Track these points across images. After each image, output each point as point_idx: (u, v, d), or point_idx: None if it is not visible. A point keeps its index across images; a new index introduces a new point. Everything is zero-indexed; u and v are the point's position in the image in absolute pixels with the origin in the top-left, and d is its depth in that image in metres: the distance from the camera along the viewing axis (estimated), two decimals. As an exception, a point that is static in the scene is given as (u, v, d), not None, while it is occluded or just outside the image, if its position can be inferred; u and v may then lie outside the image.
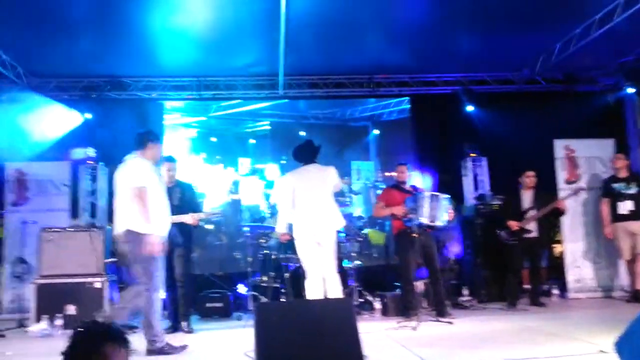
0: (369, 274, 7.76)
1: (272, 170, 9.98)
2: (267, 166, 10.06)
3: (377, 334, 5.07)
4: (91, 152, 8.02)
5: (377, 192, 7.88)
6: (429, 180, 8.93)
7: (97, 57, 7.95)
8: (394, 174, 6.64)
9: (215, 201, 9.47)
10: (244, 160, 10.09)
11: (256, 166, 10.02)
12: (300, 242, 5.35)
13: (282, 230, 5.54)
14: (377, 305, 6.65)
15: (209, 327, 6.03)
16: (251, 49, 7.98)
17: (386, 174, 9.59)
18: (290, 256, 6.70)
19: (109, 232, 6.66)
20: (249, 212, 9.49)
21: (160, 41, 7.54)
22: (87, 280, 6.02)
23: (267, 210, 8.98)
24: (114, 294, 6.25)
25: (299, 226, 5.35)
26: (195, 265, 7.28)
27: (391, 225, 6.46)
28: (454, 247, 7.94)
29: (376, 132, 10.36)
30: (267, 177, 9.87)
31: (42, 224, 6.59)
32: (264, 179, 9.84)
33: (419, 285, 6.35)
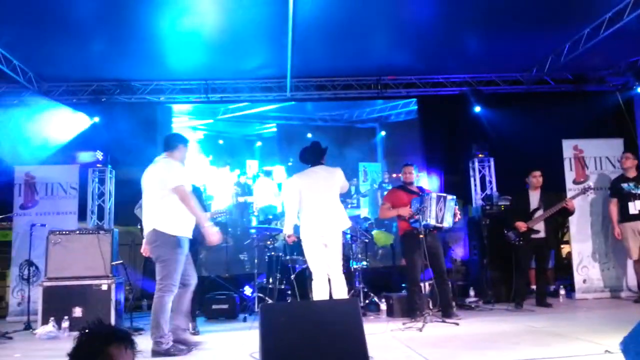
0: (375, 275, 7.76)
1: (279, 172, 9.99)
2: (275, 168, 10.07)
3: (382, 335, 5.06)
4: (99, 155, 8.08)
5: (384, 193, 7.86)
6: (436, 181, 8.91)
7: (106, 61, 8.03)
8: (401, 175, 6.62)
9: (222, 203, 9.49)
10: (252, 162, 10.10)
11: (264, 168, 10.03)
12: (307, 243, 5.34)
13: (288, 231, 5.53)
14: (383, 306, 6.65)
15: (214, 329, 6.04)
16: (259, 52, 8.01)
17: (393, 175, 9.57)
18: (296, 258, 6.70)
19: (116, 235, 6.71)
20: (263, 214, 9.50)
21: (168, 45, 7.60)
22: (94, 282, 6.05)
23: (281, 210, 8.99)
24: (120, 295, 6.28)
25: (306, 227, 5.35)
26: (201, 267, 7.31)
27: (397, 226, 6.44)
28: (460, 248, 7.92)
29: (383, 133, 10.33)
30: (275, 178, 9.88)
31: (50, 227, 6.63)
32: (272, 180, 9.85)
33: (425, 286, 6.33)
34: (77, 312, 5.91)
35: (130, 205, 6.17)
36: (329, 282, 5.24)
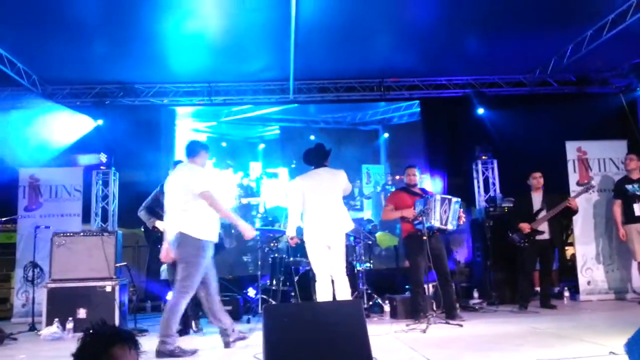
0: (379, 276, 7.75)
1: (283, 174, 10.00)
2: (278, 170, 10.08)
3: (386, 336, 5.05)
4: (103, 157, 8.10)
5: (387, 195, 7.86)
6: (439, 183, 8.91)
7: (110, 64, 8.06)
8: (404, 177, 6.61)
9: (225, 205, 9.50)
10: (255, 164, 10.12)
11: (267, 170, 10.05)
12: (310, 245, 5.34)
13: (291, 233, 5.54)
14: (387, 307, 6.63)
15: (218, 330, 6.03)
16: (262, 55, 8.03)
17: (396, 177, 9.57)
18: (299, 259, 6.70)
19: (120, 237, 6.72)
20: (271, 215, 9.51)
21: (171, 48, 7.62)
22: (98, 284, 6.09)
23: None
24: (124, 297, 6.29)
25: (309, 229, 5.35)
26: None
27: (400, 228, 6.44)
28: (464, 250, 7.91)
29: (386, 135, 10.34)
30: (281, 180, 9.88)
31: (54, 229, 6.66)
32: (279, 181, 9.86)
33: (428, 288, 6.32)
34: (82, 313, 5.94)
35: (134, 207, 6.19)
36: (332, 283, 5.25)
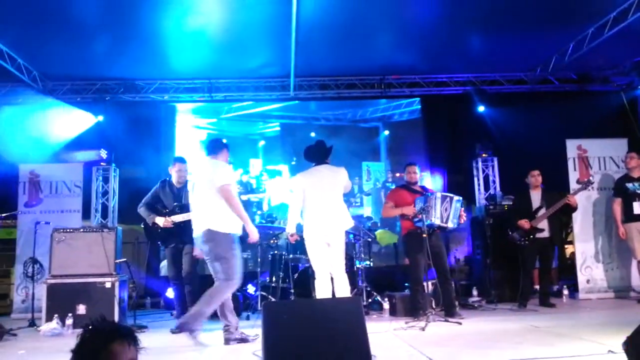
0: (378, 274, 7.75)
1: (284, 171, 9.99)
2: (278, 167, 10.08)
3: (385, 333, 5.05)
4: (103, 153, 8.10)
5: (388, 192, 7.86)
6: (440, 180, 8.90)
7: (111, 60, 8.06)
8: (404, 174, 6.61)
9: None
10: (255, 161, 10.11)
11: (267, 167, 10.04)
12: (309, 242, 5.34)
13: (291, 230, 5.53)
14: (386, 305, 6.63)
15: (218, 327, 6.04)
16: (263, 51, 8.02)
17: (397, 174, 9.57)
18: (299, 256, 6.70)
19: (120, 233, 6.72)
20: (276, 212, 9.52)
21: (172, 44, 7.62)
22: (97, 280, 6.07)
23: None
24: (123, 293, 6.30)
25: (309, 226, 5.35)
26: (203, 264, 7.30)
27: (400, 225, 6.44)
28: (464, 247, 7.91)
29: (387, 132, 10.34)
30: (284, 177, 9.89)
31: (54, 225, 6.65)
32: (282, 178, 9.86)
33: (427, 285, 6.32)
34: (81, 309, 5.93)
35: (134, 203, 6.19)
36: (331, 281, 5.25)
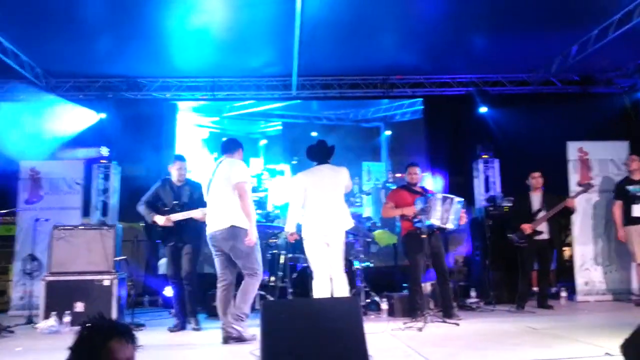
0: (377, 274, 7.73)
1: (286, 171, 10.00)
2: (279, 167, 10.08)
3: (383, 334, 5.06)
4: (105, 151, 8.10)
5: (388, 193, 7.86)
6: (440, 181, 8.89)
7: (114, 58, 8.07)
8: (405, 175, 6.60)
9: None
10: (256, 160, 10.12)
11: (268, 166, 10.04)
12: (309, 242, 5.33)
13: (291, 229, 5.53)
14: (384, 305, 6.62)
15: (216, 326, 6.04)
16: (265, 50, 8.02)
17: (397, 175, 9.56)
18: (298, 256, 6.70)
19: (120, 230, 6.72)
20: (280, 211, 9.52)
21: (175, 42, 7.62)
22: (96, 277, 6.07)
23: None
24: (122, 291, 6.30)
25: (309, 226, 5.34)
26: (203, 263, 7.31)
27: (400, 226, 6.43)
28: (463, 248, 7.90)
29: (388, 133, 10.34)
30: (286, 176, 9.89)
31: (54, 222, 6.65)
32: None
33: (426, 286, 6.31)
34: (79, 307, 5.93)
35: (134, 201, 6.18)
36: (330, 281, 5.24)
